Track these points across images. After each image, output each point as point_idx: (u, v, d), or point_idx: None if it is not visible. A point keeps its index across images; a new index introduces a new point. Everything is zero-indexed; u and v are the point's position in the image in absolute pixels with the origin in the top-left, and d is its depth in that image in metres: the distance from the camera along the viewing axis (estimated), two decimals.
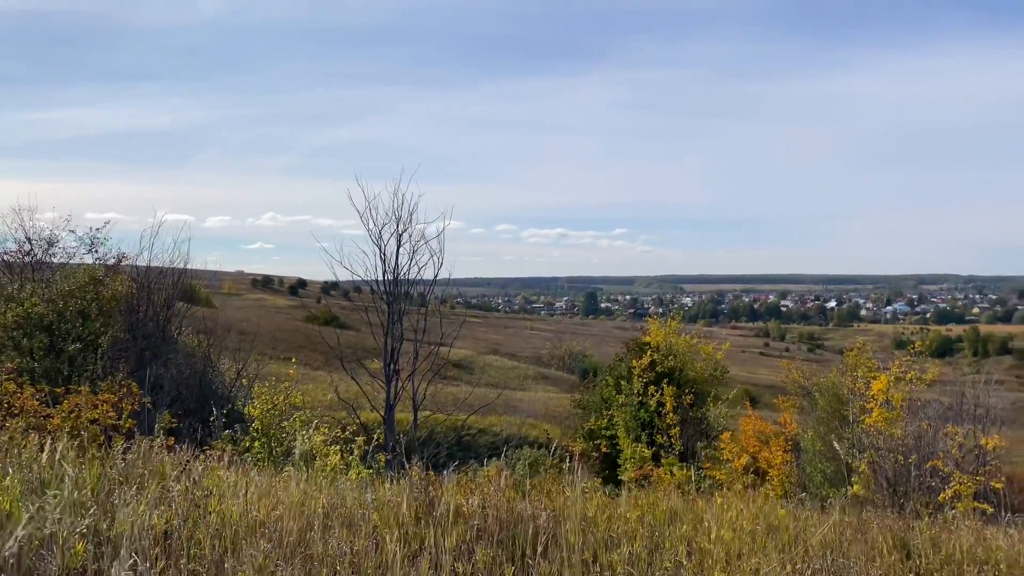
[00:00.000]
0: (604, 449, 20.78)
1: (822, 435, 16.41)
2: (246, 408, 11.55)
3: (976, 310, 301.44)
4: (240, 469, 6.28)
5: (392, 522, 4.20)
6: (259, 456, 9.73)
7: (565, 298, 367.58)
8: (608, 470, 20.15)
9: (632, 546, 3.97)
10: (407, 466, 5.72)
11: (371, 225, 16.02)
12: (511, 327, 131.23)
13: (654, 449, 18.31)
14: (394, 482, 6.02)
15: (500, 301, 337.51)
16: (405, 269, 16.25)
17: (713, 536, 4.06)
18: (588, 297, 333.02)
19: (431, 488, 4.60)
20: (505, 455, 16.68)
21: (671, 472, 14.71)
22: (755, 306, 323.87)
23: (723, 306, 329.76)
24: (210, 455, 6.30)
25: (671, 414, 19.10)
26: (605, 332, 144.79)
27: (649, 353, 21.20)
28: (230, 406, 13.07)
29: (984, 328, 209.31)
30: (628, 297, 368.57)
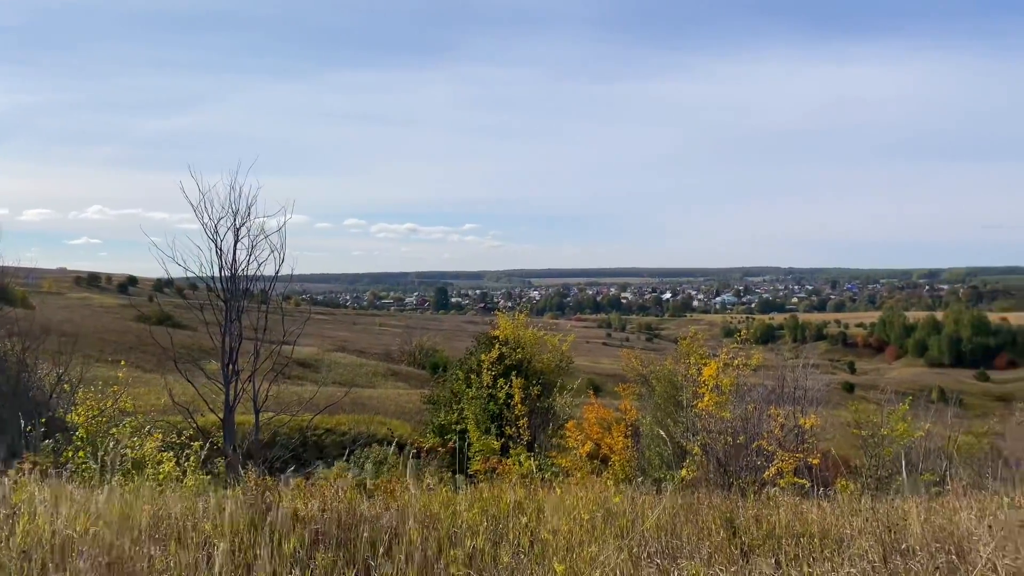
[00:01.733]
0: (451, 444, 20.79)
1: (659, 420, 17.15)
2: (68, 416, 10.65)
3: (795, 300, 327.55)
4: (58, 483, 5.74)
5: (225, 531, 3.96)
6: (83, 467, 8.97)
7: (415, 293, 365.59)
8: (459, 464, 20.19)
9: (475, 540, 3.96)
10: (246, 471, 5.43)
11: (206, 219, 15.12)
12: (360, 323, 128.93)
13: (503, 440, 18.51)
14: (231, 488, 5.70)
15: (348, 297, 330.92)
16: (244, 265, 15.49)
17: (551, 526, 4.12)
18: (439, 292, 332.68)
19: (268, 493, 4.37)
20: (352, 454, 16.29)
21: (519, 462, 14.89)
22: (598, 299, 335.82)
23: (569, 299, 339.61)
24: (22, 469, 5.73)
25: (519, 405, 19.39)
26: (456, 327, 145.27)
27: (498, 346, 21.42)
28: (50, 414, 11.99)
29: (802, 316, 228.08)
30: (478, 292, 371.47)
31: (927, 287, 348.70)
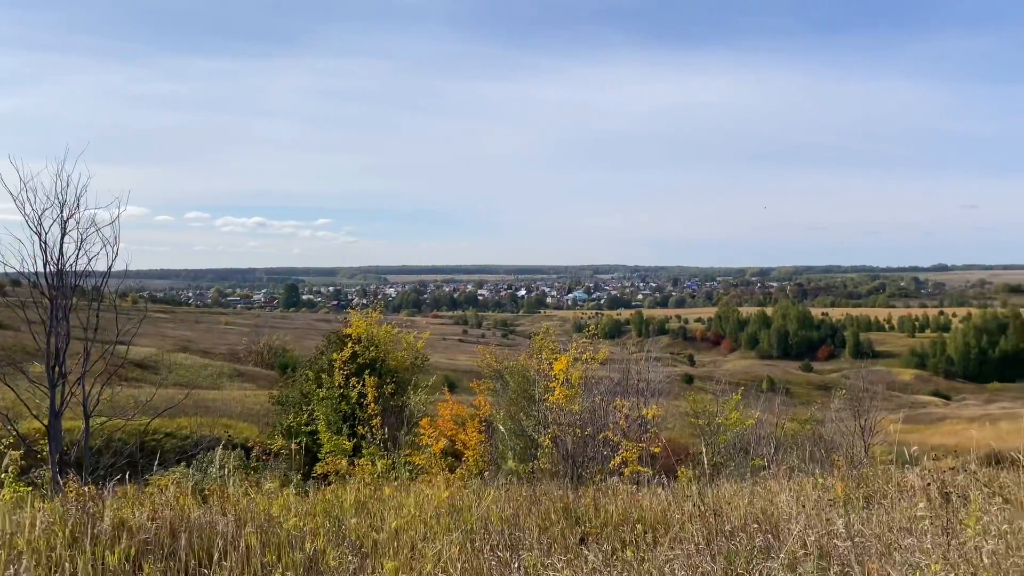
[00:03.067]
0: (295, 446, 20.15)
1: (512, 414, 17.41)
2: None
3: (641, 296, 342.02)
4: None
5: (40, 546, 3.66)
6: None
7: (264, 291, 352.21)
8: (309, 466, 19.64)
9: (315, 543, 3.88)
10: (73, 480, 5.04)
11: (28, 210, 13.87)
12: (203, 322, 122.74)
13: (355, 441, 18.19)
14: (53, 499, 5.27)
15: (191, 295, 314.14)
16: (72, 260, 14.34)
17: (394, 525, 4.11)
18: (289, 289, 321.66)
19: (92, 503, 4.08)
20: (195, 459, 15.47)
21: (372, 462, 14.68)
22: (455, 295, 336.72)
23: (426, 296, 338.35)
24: None
25: (372, 404, 19.10)
26: (307, 325, 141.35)
27: (350, 345, 21.00)
28: None
29: (647, 312, 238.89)
30: (331, 289, 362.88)
31: (759, 284, 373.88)
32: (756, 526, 4.41)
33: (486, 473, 9.44)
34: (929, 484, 5.41)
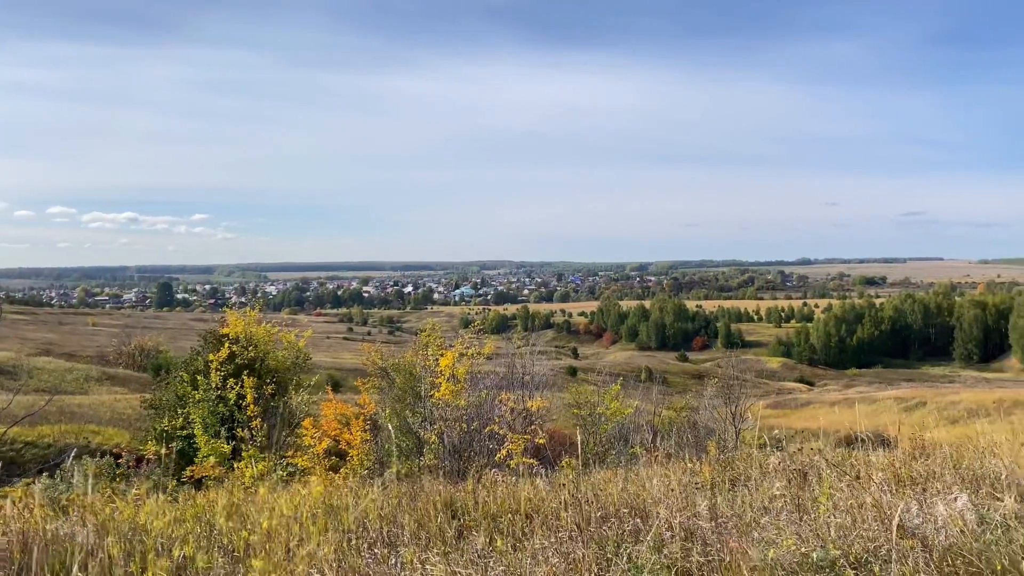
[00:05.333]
0: (165, 450, 19.29)
1: (398, 412, 17.31)
2: None
3: (526, 291, 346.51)
4: None
5: None
6: None
7: (136, 290, 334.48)
8: (182, 471, 18.83)
9: (185, 549, 3.75)
10: None
11: None
12: (68, 323, 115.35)
13: (234, 443, 17.60)
14: None
15: (54, 294, 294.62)
16: None
17: (266, 526, 4.03)
18: (162, 288, 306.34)
19: None
20: (59, 468, 14.58)
21: (252, 465, 14.27)
22: (339, 293, 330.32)
23: (309, 294, 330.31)
24: None
25: (252, 406, 18.55)
26: (182, 325, 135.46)
27: (227, 345, 20.27)
28: None
29: (533, 306, 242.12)
30: (208, 287, 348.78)
31: (638, 279, 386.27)
32: (627, 511, 4.60)
33: (374, 472, 9.36)
34: (788, 466, 5.78)
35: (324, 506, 4.66)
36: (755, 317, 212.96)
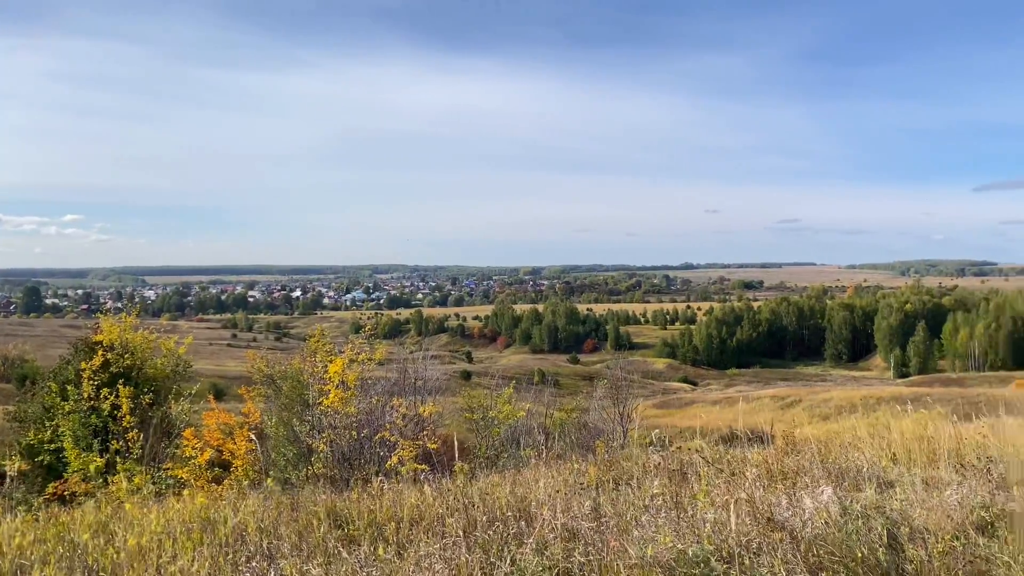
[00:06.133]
0: (26, 465, 18.09)
1: (285, 420, 16.86)
2: None
3: (420, 295, 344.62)
4: None
5: None
6: None
7: None
8: (49, 487, 17.68)
9: (44, 570, 3.53)
10: None
11: None
12: None
13: (108, 456, 16.66)
14: None
15: None
16: None
17: (133, 544, 3.85)
18: (28, 292, 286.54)
19: None
20: None
21: (129, 479, 13.57)
22: (223, 297, 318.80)
23: (190, 299, 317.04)
24: None
25: (128, 417, 17.63)
26: (51, 332, 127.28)
27: (101, 353, 19.20)
28: None
29: (426, 311, 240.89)
30: (81, 292, 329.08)
31: (531, 283, 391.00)
32: (513, 514, 4.66)
33: (250, 483, 9.07)
34: (669, 464, 5.99)
35: (201, 520, 4.48)
36: (642, 320, 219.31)
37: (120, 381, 18.08)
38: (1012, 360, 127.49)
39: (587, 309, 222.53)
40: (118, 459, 16.51)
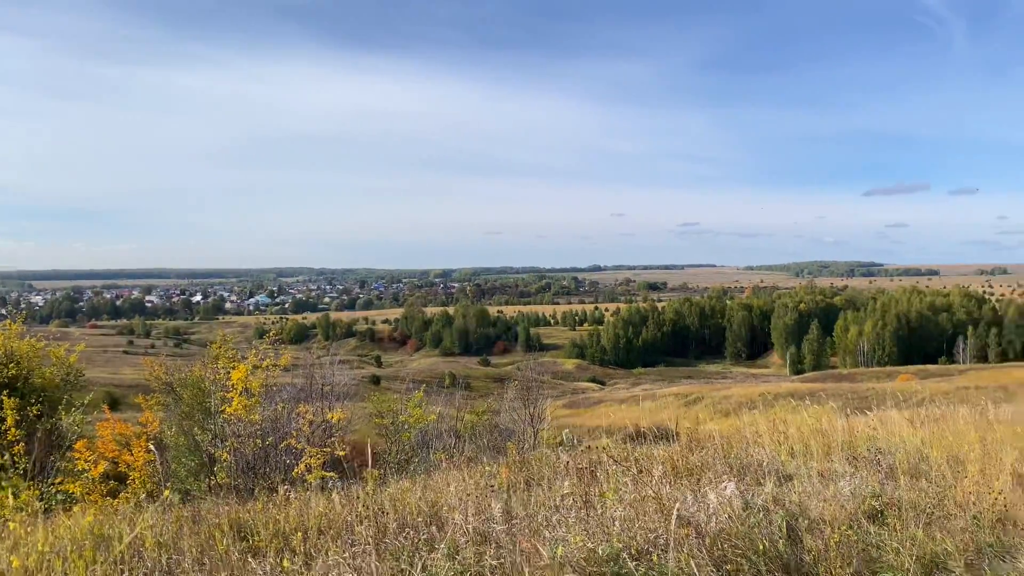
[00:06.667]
0: None
1: (187, 430, 16.27)
2: None
3: (327, 299, 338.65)
4: None
5: None
6: None
7: None
8: None
9: None
10: None
11: None
12: None
13: None
14: None
15: None
16: None
17: (16, 564, 3.61)
18: None
19: None
20: None
21: (15, 494, 12.78)
22: (118, 303, 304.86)
23: (82, 304, 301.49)
24: None
25: (13, 430, 16.62)
26: None
27: None
28: None
29: (334, 315, 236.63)
30: None
31: (442, 285, 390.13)
32: (424, 520, 4.61)
33: (148, 496, 8.69)
34: (579, 464, 6.06)
35: (93, 536, 4.24)
36: (552, 321, 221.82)
37: (5, 392, 17.05)
38: (898, 356, 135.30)
39: (498, 311, 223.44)
40: (2, 475, 15.57)
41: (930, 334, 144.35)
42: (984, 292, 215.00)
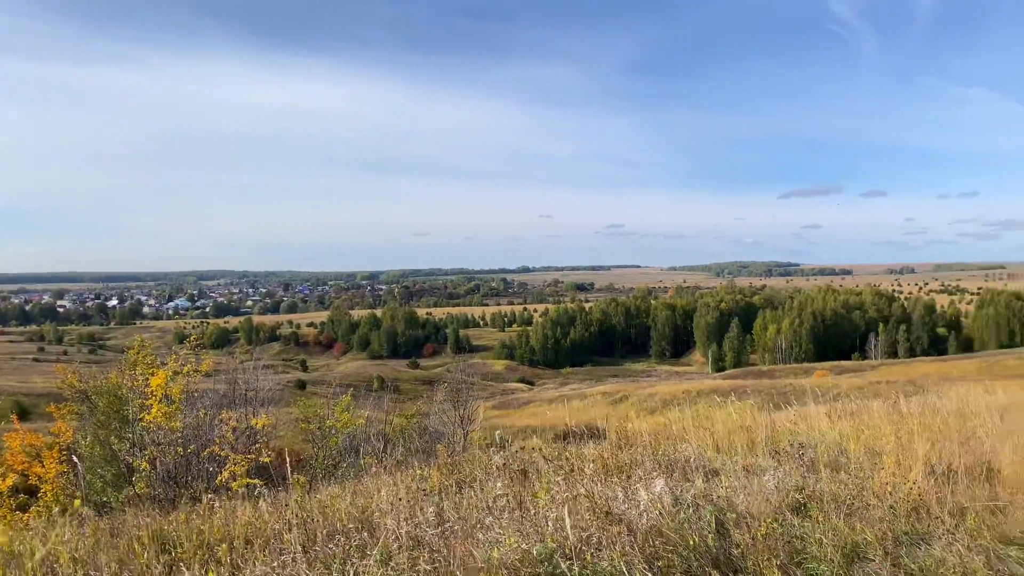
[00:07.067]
0: None
1: (103, 439, 15.66)
2: None
3: (250, 302, 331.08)
4: None
5: None
6: None
7: None
8: None
9: None
10: None
11: None
12: None
13: None
14: None
15: None
16: None
17: None
18: None
19: None
20: None
21: None
22: (28, 308, 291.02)
23: None
24: None
25: None
26: None
27: None
28: None
29: (257, 319, 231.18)
30: None
31: (369, 287, 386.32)
32: (355, 526, 4.53)
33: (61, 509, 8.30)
34: (511, 464, 6.05)
35: (3, 553, 4.00)
36: (481, 323, 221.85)
37: None
38: (814, 352, 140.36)
39: (427, 313, 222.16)
40: None
41: (844, 331, 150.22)
42: (894, 291, 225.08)
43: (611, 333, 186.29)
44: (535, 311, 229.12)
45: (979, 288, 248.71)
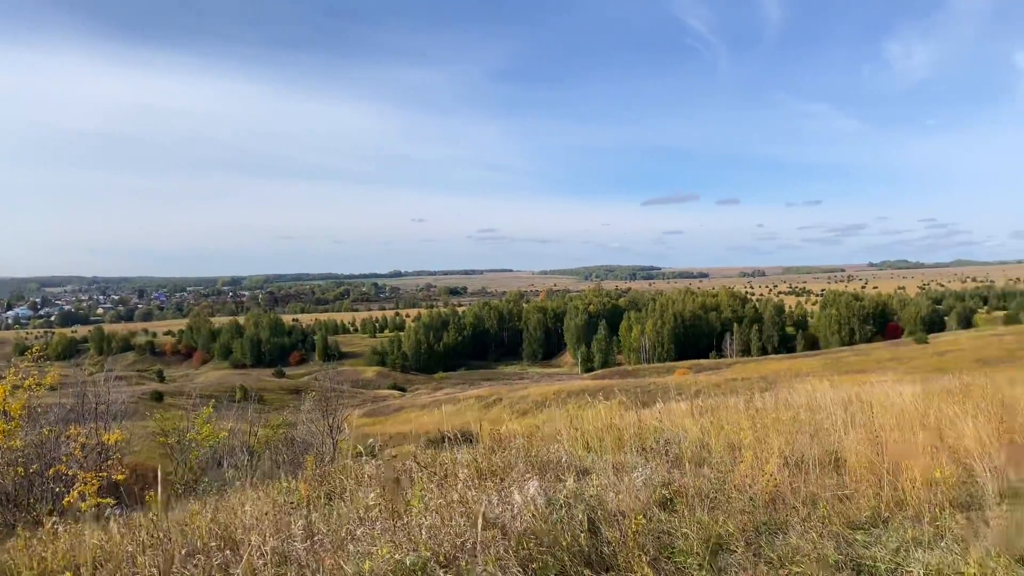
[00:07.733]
0: None
1: None
2: None
3: (101, 310, 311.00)
4: None
5: None
6: None
7: None
8: None
9: None
10: None
11: None
12: None
13: None
14: None
15: None
16: None
17: None
18: None
19: None
20: None
21: None
22: None
23: None
24: None
25: None
26: None
27: None
28: None
29: (109, 327, 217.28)
30: None
31: (231, 293, 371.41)
32: (215, 544, 4.30)
33: None
34: (383, 472, 5.93)
35: None
36: (351, 329, 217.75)
37: None
38: (675, 352, 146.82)
39: (293, 320, 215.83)
40: None
41: (702, 331, 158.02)
42: (747, 293, 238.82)
43: (484, 337, 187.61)
44: (408, 316, 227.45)
45: (822, 290, 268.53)
